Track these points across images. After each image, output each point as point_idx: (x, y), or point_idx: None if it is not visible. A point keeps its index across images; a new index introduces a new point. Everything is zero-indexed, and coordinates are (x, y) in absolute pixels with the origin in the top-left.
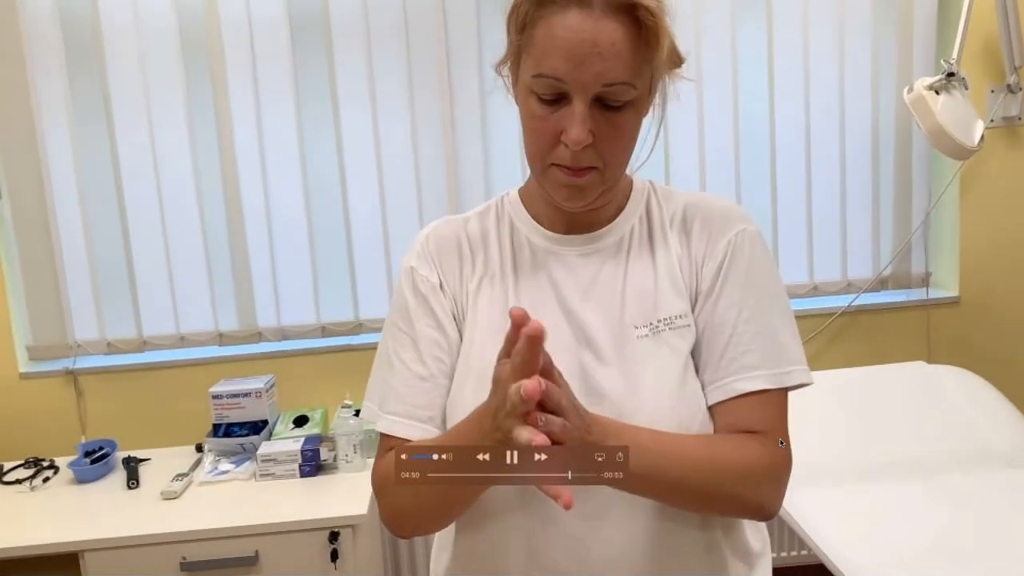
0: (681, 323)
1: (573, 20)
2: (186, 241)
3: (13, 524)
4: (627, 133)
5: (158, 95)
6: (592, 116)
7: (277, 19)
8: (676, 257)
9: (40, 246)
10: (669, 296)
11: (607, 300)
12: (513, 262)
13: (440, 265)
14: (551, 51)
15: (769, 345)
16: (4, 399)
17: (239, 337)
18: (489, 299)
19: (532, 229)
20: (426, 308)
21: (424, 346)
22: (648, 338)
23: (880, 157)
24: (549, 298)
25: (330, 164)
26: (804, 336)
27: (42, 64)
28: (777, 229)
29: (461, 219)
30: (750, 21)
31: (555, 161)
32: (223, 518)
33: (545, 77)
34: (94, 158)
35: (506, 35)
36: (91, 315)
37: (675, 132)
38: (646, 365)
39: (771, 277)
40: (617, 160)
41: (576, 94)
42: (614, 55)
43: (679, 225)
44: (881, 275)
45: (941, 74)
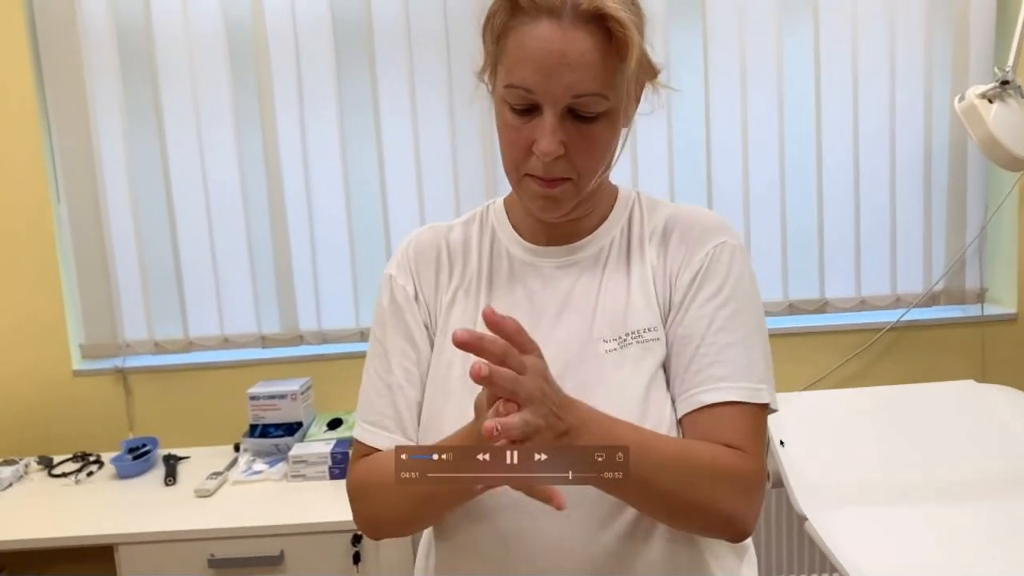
0: (650, 336)
1: (543, 31)
2: (231, 245)
3: (55, 516)
4: (600, 144)
5: (207, 103)
6: (564, 127)
7: (321, 27)
8: (651, 269)
9: (94, 249)
10: (640, 309)
11: (579, 313)
12: (490, 273)
13: (417, 274)
14: (521, 62)
15: (740, 359)
16: (58, 395)
17: (281, 340)
18: (463, 310)
19: (512, 240)
20: (399, 318)
21: (394, 357)
22: (615, 352)
23: (933, 167)
24: (522, 311)
25: (371, 171)
26: (850, 351)
27: (98, 73)
28: (823, 240)
29: (446, 227)
30: (796, 27)
31: (528, 171)
32: (252, 517)
33: (516, 88)
34: (145, 164)
35: (482, 44)
36: (140, 316)
37: (718, 140)
38: (609, 379)
39: (748, 293)
40: (591, 171)
41: (546, 105)
42: (583, 66)
43: (659, 237)
44: (933, 290)
45: (995, 82)
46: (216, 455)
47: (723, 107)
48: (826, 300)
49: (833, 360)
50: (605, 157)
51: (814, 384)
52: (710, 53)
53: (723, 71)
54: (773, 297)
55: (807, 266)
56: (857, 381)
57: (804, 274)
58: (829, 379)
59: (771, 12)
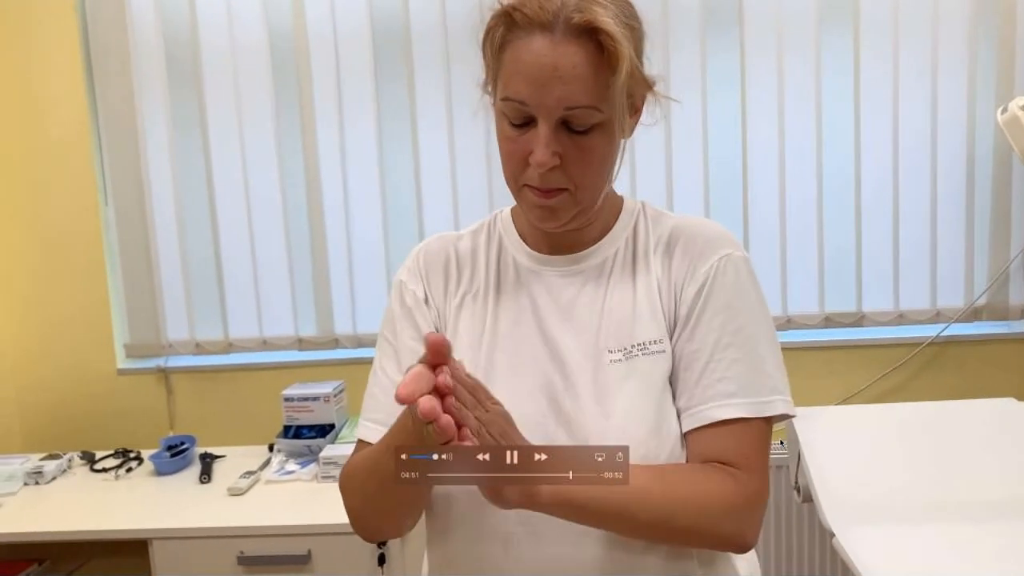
0: (656, 348)
1: (536, 45)
2: (271, 250)
3: (94, 510)
4: (596, 155)
5: (249, 111)
6: (559, 139)
7: (361, 37)
8: (656, 281)
9: (139, 251)
10: (646, 321)
11: (584, 323)
12: (497, 281)
13: (427, 279)
14: (516, 75)
15: (749, 373)
16: (102, 393)
17: (317, 343)
18: (471, 315)
19: (518, 248)
20: (410, 320)
21: (404, 357)
22: (621, 363)
23: (976, 179)
24: (527, 318)
25: (407, 177)
26: (887, 366)
27: (146, 81)
28: (861, 253)
29: (454, 236)
30: (836, 36)
31: (526, 182)
32: (281, 516)
33: (511, 100)
34: (189, 170)
35: (482, 58)
36: (182, 317)
37: (754, 151)
38: (615, 391)
39: (756, 304)
40: (588, 182)
41: (540, 117)
42: (575, 79)
43: (663, 249)
44: (975, 305)
45: None
46: (251, 454)
47: (760, 118)
48: (863, 313)
49: (869, 375)
50: (602, 168)
51: (849, 399)
52: (747, 64)
53: (760, 82)
54: (808, 310)
55: (844, 278)
56: (894, 397)
57: (841, 287)
58: (865, 394)
59: (810, 21)
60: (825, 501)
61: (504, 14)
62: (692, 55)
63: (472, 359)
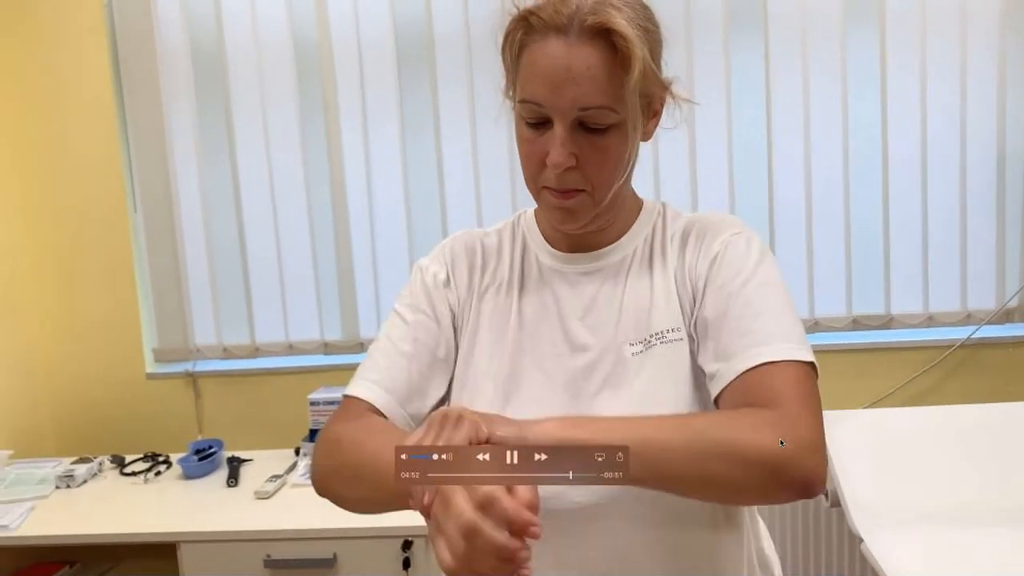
0: (673, 336)
1: (552, 47)
2: (297, 256)
3: (124, 513)
4: (612, 156)
5: (274, 119)
6: (575, 139)
7: (385, 45)
8: (673, 271)
9: (167, 257)
10: (662, 311)
11: (604, 319)
12: (521, 277)
13: (452, 266)
14: (532, 77)
15: (773, 324)
16: (132, 397)
17: (342, 347)
18: (492, 309)
19: (541, 247)
20: (426, 299)
21: (414, 329)
22: (641, 354)
23: (1008, 177)
24: (551, 314)
25: (431, 184)
26: (917, 369)
27: (174, 90)
28: (889, 254)
29: (481, 232)
30: (862, 32)
31: (544, 184)
32: (307, 520)
33: (528, 102)
34: (216, 177)
35: (502, 63)
36: (210, 322)
37: (780, 151)
38: (636, 382)
39: (770, 270)
40: (605, 182)
41: (556, 118)
42: (589, 80)
43: (678, 241)
44: (1007, 306)
45: None
46: (277, 458)
47: (785, 119)
48: (892, 316)
49: (899, 378)
50: (618, 168)
51: (878, 402)
52: (771, 64)
53: (785, 82)
54: (836, 312)
55: (872, 280)
56: (924, 400)
57: (869, 288)
58: (894, 397)
59: (835, 20)
60: (853, 506)
61: (521, 18)
62: (716, 57)
63: (492, 352)
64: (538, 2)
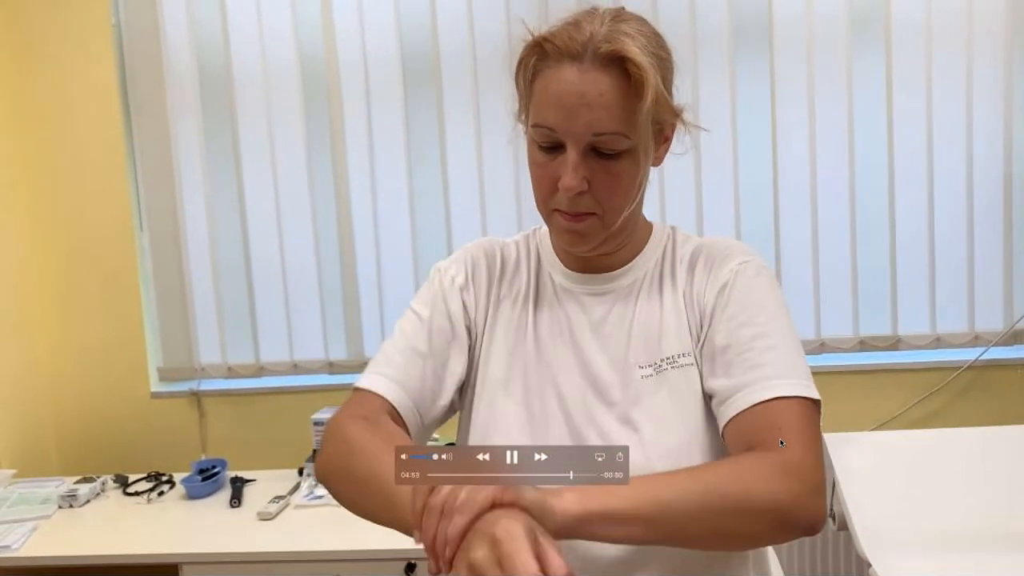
0: (685, 361)
1: (566, 74)
2: (302, 275)
3: (125, 533)
4: (624, 181)
5: (281, 139)
6: (587, 164)
7: (391, 66)
8: (683, 296)
9: (173, 276)
10: (672, 335)
11: (614, 340)
12: (536, 293)
13: (472, 271)
14: (546, 103)
15: (783, 359)
16: (136, 415)
17: (347, 366)
18: (508, 320)
19: (554, 265)
20: (442, 300)
21: (428, 328)
22: (652, 378)
23: (1014, 198)
24: (563, 331)
25: (436, 205)
26: (924, 391)
27: (181, 109)
28: (896, 274)
29: (501, 242)
30: (868, 50)
31: (556, 207)
32: (310, 542)
33: (541, 127)
34: (222, 195)
35: (515, 88)
36: (215, 341)
37: (785, 169)
38: (647, 404)
39: (779, 303)
40: (615, 206)
41: (568, 143)
42: (602, 106)
43: (687, 265)
44: (1015, 328)
45: None
46: (281, 478)
47: (791, 137)
48: (899, 337)
49: (906, 400)
50: (629, 193)
51: (885, 424)
52: (777, 88)
53: (790, 102)
54: (842, 333)
55: (879, 301)
56: (931, 422)
57: (876, 309)
58: (901, 419)
59: (840, 44)
60: (861, 530)
61: (536, 45)
62: (722, 81)
63: (506, 364)
64: (552, 29)
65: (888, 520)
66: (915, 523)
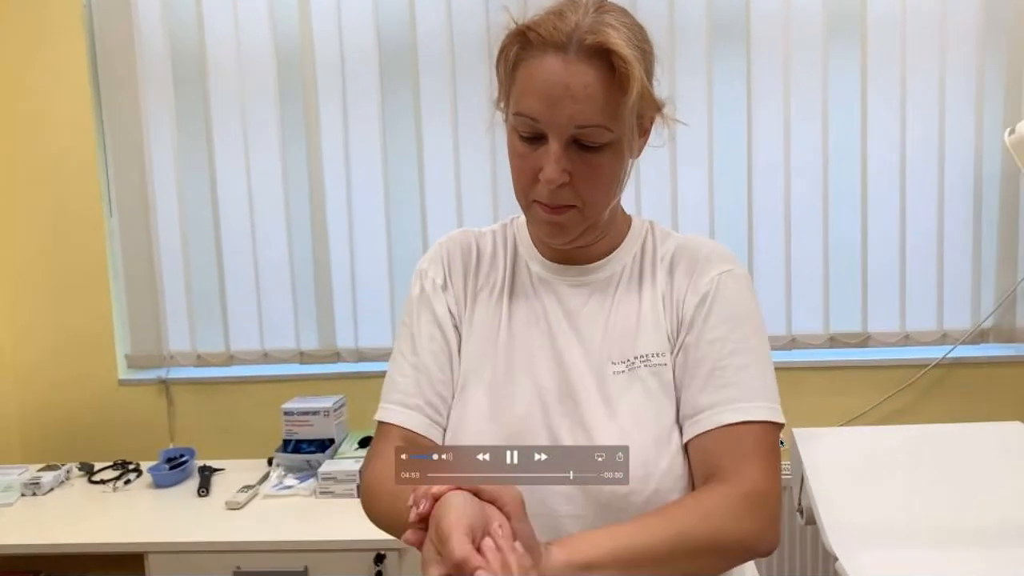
0: (657, 361)
1: (550, 64)
2: (274, 263)
3: (91, 522)
4: (605, 174)
5: (254, 122)
6: (569, 156)
7: (367, 50)
8: (661, 295)
9: (142, 262)
10: (648, 334)
11: (588, 333)
12: (512, 283)
13: (449, 267)
14: (529, 92)
15: (754, 379)
16: (103, 403)
17: (318, 356)
18: (485, 310)
19: (532, 255)
20: (427, 305)
21: (421, 340)
22: (624, 374)
23: (984, 199)
24: (539, 320)
25: (411, 193)
26: (892, 387)
27: (152, 92)
28: (867, 273)
29: (478, 232)
30: (843, 53)
31: (536, 198)
32: (278, 531)
33: (523, 116)
34: (194, 181)
35: (496, 75)
36: (184, 328)
37: (760, 170)
38: (617, 400)
39: (757, 318)
40: (596, 199)
41: (551, 134)
42: (586, 98)
43: (667, 266)
44: (981, 327)
45: None
46: (250, 468)
47: (766, 136)
48: (868, 334)
49: (874, 396)
50: (610, 186)
51: (854, 420)
52: (753, 85)
53: (766, 99)
54: (813, 330)
55: (850, 299)
56: (899, 418)
57: (846, 307)
58: (870, 415)
59: (817, 42)
60: (828, 524)
61: (519, 33)
62: (699, 74)
63: (484, 354)
64: (535, 18)
65: (855, 515)
66: (881, 518)
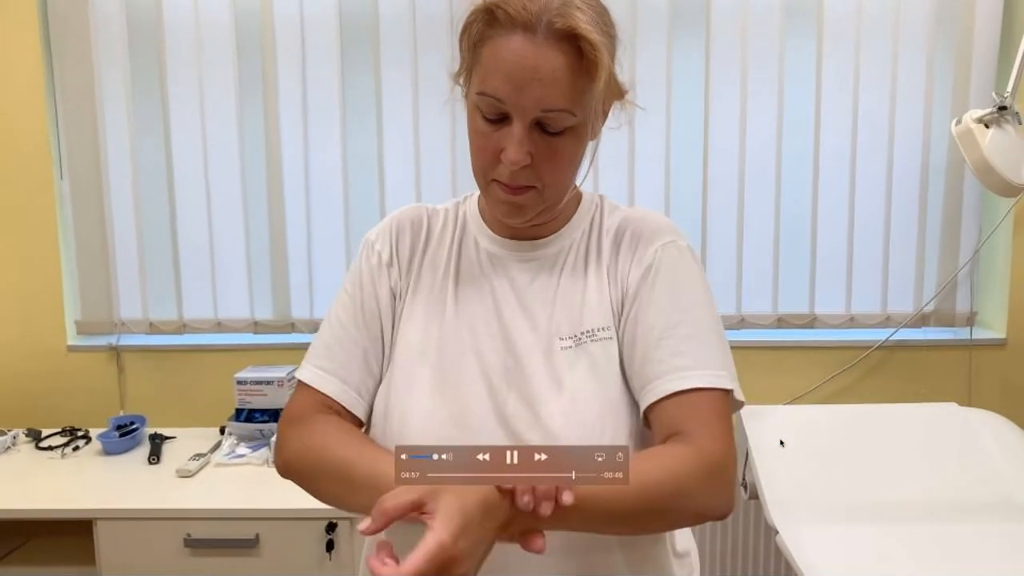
0: (604, 335)
1: (517, 44)
2: (229, 231)
3: (38, 488)
4: (566, 157)
5: (211, 91)
6: (532, 138)
7: (328, 22)
8: (606, 269)
9: (94, 227)
10: (594, 309)
11: (537, 309)
12: (458, 260)
13: (396, 241)
14: (494, 72)
15: (701, 347)
16: (51, 369)
17: (273, 326)
18: (428, 287)
19: (481, 231)
20: (370, 278)
21: (357, 311)
22: (571, 349)
23: (929, 188)
24: (486, 300)
25: (370, 164)
26: (837, 367)
27: (106, 56)
28: (816, 256)
29: (431, 209)
30: (799, 41)
31: (495, 177)
32: (230, 500)
33: (487, 96)
34: (149, 147)
35: (459, 50)
36: (136, 295)
37: (715, 152)
38: (567, 375)
39: (701, 288)
40: (556, 181)
41: (516, 116)
42: (553, 82)
43: (612, 238)
44: (923, 311)
45: (992, 107)
46: (202, 437)
47: (722, 119)
48: (815, 315)
49: (819, 376)
50: (570, 169)
51: (799, 398)
52: (711, 69)
53: (724, 83)
54: (762, 310)
55: (798, 280)
56: (843, 398)
57: (795, 288)
58: (814, 394)
59: (774, 29)
60: (770, 498)
61: (486, 10)
62: (658, 58)
63: (425, 332)
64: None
65: (796, 491)
66: (822, 494)
